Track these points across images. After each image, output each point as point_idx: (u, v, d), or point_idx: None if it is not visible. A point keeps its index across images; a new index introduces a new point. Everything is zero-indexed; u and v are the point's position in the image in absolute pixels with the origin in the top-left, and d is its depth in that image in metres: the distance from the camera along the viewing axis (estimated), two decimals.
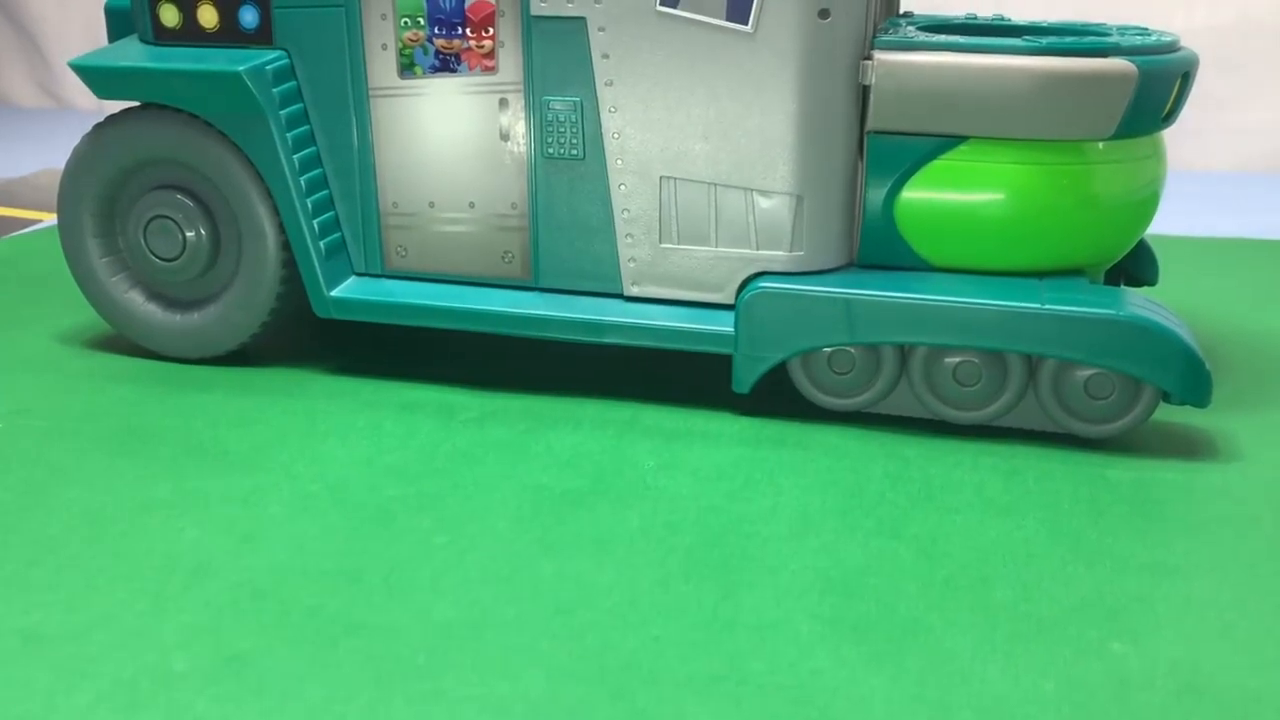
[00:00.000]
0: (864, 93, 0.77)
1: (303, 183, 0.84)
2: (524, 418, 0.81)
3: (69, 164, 0.89)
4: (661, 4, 0.77)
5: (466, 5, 0.80)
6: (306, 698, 0.52)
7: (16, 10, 2.23)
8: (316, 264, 0.85)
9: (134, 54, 0.87)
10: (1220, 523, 0.69)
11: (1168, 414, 0.80)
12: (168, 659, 0.55)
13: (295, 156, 0.84)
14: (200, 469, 0.74)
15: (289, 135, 0.84)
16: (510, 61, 0.81)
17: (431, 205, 0.85)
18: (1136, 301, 0.76)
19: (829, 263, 0.80)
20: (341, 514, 0.68)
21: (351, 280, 0.87)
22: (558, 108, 0.80)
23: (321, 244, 0.85)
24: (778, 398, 0.83)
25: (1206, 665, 0.55)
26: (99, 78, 0.87)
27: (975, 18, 0.91)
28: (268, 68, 0.83)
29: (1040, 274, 0.79)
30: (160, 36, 0.87)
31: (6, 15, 2.25)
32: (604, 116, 0.80)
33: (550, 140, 0.81)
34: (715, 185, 0.80)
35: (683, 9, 0.77)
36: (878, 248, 0.80)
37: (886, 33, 0.79)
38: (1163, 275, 0.95)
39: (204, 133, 0.85)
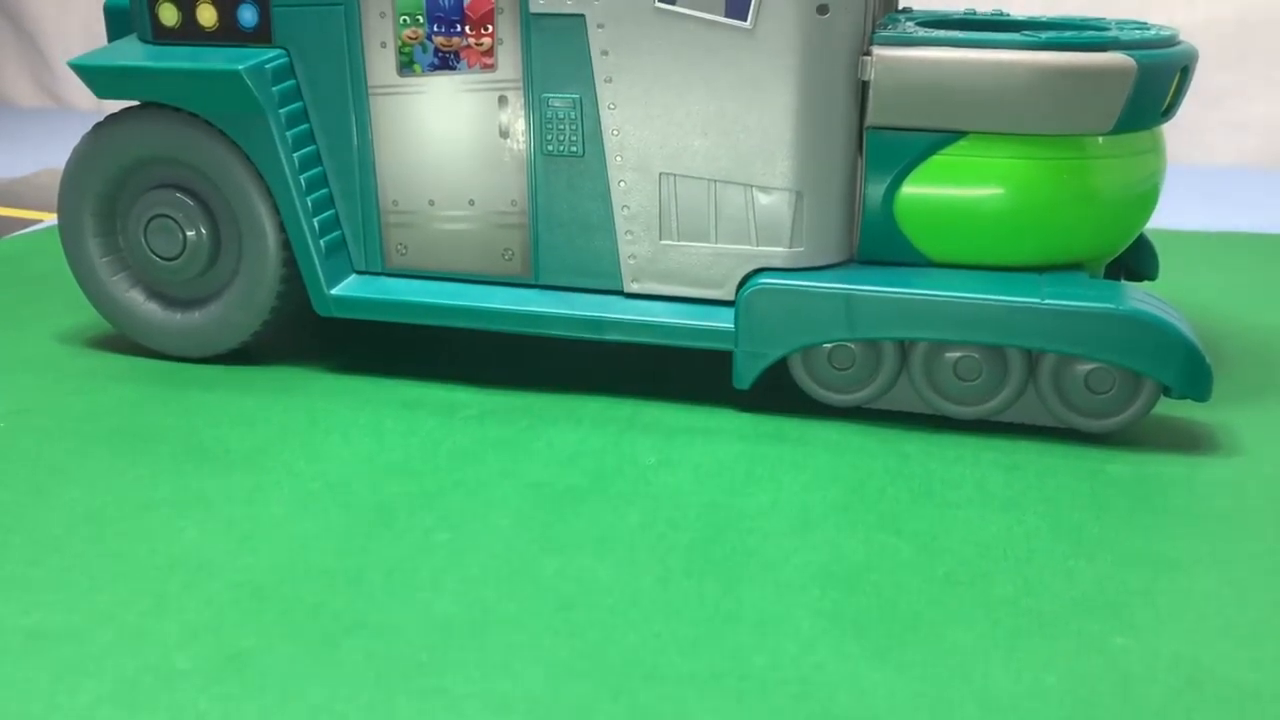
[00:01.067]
0: (863, 88, 0.77)
1: (302, 181, 0.84)
2: (525, 415, 0.81)
3: (69, 163, 0.89)
4: (660, 0, 0.77)
5: (465, 3, 0.80)
6: (308, 696, 0.52)
7: (16, 10, 2.23)
8: (317, 262, 0.85)
9: (133, 53, 0.87)
10: (1221, 517, 0.69)
11: (1168, 408, 0.80)
12: (169, 658, 0.55)
13: (295, 155, 0.84)
14: (201, 468, 0.74)
15: (288, 134, 0.84)
16: (509, 59, 0.81)
17: (431, 203, 0.85)
18: (1137, 296, 0.76)
19: (829, 258, 0.80)
20: (343, 512, 0.68)
21: (352, 278, 0.87)
22: (557, 105, 0.80)
23: (321, 242, 0.85)
24: (778, 394, 0.83)
25: (1208, 659, 0.55)
26: (98, 77, 0.87)
27: (974, 13, 0.90)
28: (267, 66, 0.83)
29: (1040, 269, 0.79)
30: (159, 36, 0.87)
31: (6, 15, 2.25)
32: (603, 113, 0.80)
33: (550, 137, 0.81)
34: (715, 181, 0.80)
35: (681, 5, 0.77)
36: (877, 243, 0.80)
37: (885, 28, 0.79)
38: (1163, 270, 0.95)
39: (204, 132, 0.85)
